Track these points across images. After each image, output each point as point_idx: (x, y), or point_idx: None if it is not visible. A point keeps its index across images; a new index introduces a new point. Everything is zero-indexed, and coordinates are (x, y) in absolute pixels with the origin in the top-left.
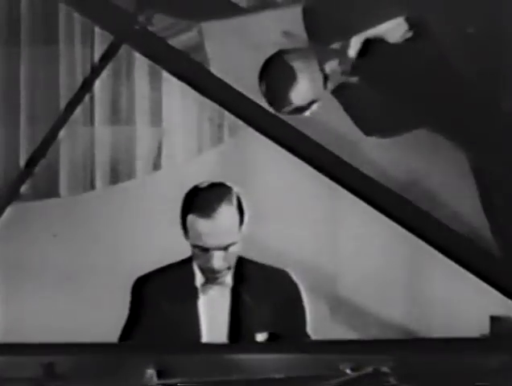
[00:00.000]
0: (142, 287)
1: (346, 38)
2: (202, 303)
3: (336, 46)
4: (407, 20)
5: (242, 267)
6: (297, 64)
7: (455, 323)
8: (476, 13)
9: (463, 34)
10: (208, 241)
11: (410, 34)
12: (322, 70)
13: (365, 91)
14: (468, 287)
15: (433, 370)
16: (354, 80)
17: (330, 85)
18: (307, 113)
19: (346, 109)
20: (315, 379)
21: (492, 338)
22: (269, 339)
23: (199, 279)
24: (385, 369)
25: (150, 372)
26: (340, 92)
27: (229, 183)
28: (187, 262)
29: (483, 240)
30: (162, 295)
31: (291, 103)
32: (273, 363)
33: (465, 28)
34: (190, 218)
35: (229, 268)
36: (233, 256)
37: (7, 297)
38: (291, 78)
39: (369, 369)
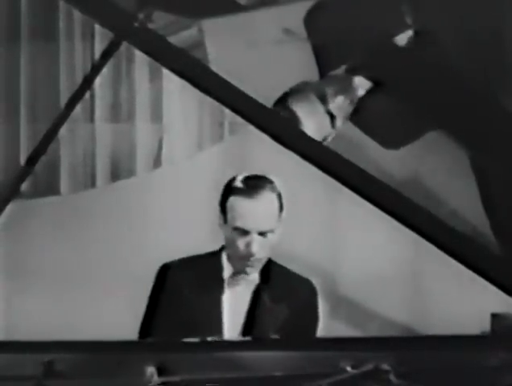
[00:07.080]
0: (167, 274)
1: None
2: (226, 297)
3: (338, 73)
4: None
5: (269, 268)
6: (300, 109)
7: (455, 321)
8: (478, 12)
9: (464, 32)
10: (249, 223)
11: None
12: (328, 111)
13: (377, 105)
14: (468, 285)
15: (434, 367)
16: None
17: (339, 122)
18: None
19: (365, 131)
20: (315, 377)
21: (492, 335)
22: None
23: (227, 270)
24: (385, 366)
25: (151, 370)
26: (354, 118)
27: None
28: (215, 254)
29: (483, 237)
30: (187, 284)
31: None
32: (273, 360)
33: (466, 26)
34: (232, 199)
35: (261, 261)
36: (268, 245)
37: (8, 294)
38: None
39: (370, 366)
